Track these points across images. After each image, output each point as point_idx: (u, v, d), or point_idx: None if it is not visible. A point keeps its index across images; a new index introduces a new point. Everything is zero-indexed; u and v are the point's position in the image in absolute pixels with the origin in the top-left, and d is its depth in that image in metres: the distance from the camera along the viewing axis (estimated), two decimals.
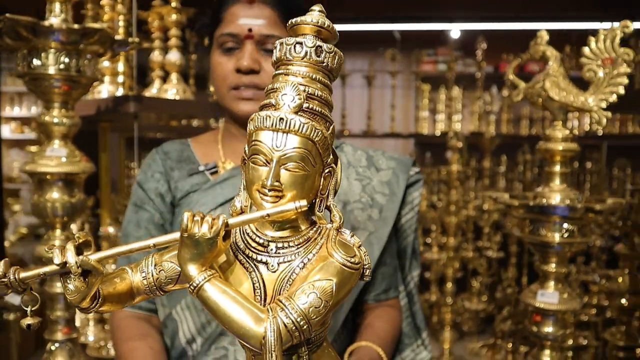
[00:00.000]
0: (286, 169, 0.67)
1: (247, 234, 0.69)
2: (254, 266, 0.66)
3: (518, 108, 6.19)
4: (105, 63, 2.31)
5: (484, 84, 5.32)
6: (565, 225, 1.57)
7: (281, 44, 0.73)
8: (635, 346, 2.44)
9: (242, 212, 0.71)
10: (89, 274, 0.64)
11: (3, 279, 0.64)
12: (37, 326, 0.70)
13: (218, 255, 0.64)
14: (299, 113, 0.67)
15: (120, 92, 2.32)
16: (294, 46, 0.71)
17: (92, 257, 0.64)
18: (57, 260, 0.62)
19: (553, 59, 1.64)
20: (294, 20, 0.73)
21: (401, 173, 1.42)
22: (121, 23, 2.30)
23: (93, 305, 0.66)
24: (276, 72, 0.74)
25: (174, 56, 2.40)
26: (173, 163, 1.39)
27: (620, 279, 2.42)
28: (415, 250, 1.50)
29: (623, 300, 2.40)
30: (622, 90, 1.55)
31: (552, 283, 1.63)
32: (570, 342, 2.55)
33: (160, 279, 0.71)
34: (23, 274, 0.64)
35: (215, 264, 0.65)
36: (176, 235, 0.63)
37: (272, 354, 0.57)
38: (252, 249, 0.67)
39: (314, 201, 0.70)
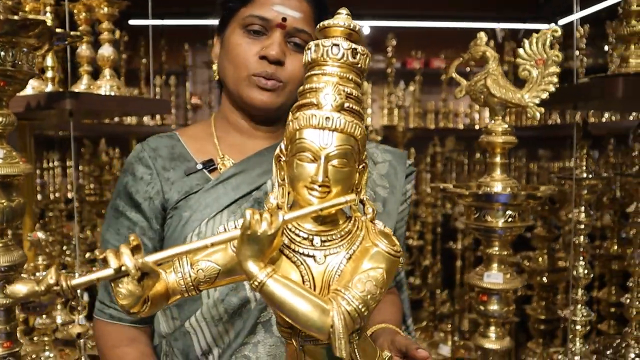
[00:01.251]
0: (332, 166, 0.70)
1: (290, 230, 0.72)
2: (302, 260, 0.69)
3: (424, 102, 6.47)
4: None
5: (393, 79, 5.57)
6: (508, 211, 1.71)
7: (317, 45, 0.76)
8: (553, 319, 2.70)
9: (279, 208, 0.74)
10: (144, 277, 0.63)
11: (55, 287, 0.62)
12: (84, 335, 0.68)
13: (274, 250, 0.66)
14: (340, 112, 0.71)
15: (49, 88, 2.20)
16: (331, 48, 0.74)
17: (149, 259, 0.64)
18: (114, 264, 0.61)
19: (492, 59, 1.77)
20: (325, 22, 0.76)
21: (399, 165, 1.42)
22: (48, 15, 2.18)
23: (143, 308, 0.66)
24: (311, 72, 0.77)
25: (107, 51, 2.31)
26: (165, 162, 1.27)
27: (539, 259, 2.65)
28: (403, 242, 1.51)
29: (543, 278, 2.63)
30: (552, 88, 1.71)
31: (495, 265, 1.77)
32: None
33: (198, 278, 0.71)
34: (75, 282, 0.63)
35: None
36: (235, 233, 0.65)
37: (340, 341, 0.60)
38: (298, 243, 0.70)
39: None
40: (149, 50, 3.94)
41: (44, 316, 2.57)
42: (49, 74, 2.22)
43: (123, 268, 0.62)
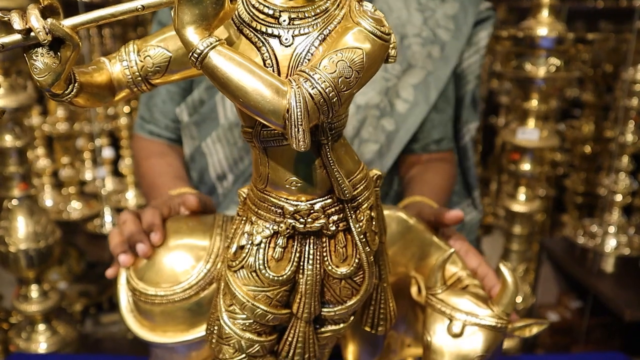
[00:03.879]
0: None
1: (252, 5, 0.58)
2: (264, 40, 0.56)
3: None
4: None
5: None
6: (552, 59, 1.51)
7: None
8: (592, 193, 2.54)
9: None
10: (61, 47, 0.52)
11: None
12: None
13: (223, 20, 0.53)
14: None
15: None
16: None
17: (65, 22, 0.52)
18: (18, 25, 0.49)
19: None
20: None
21: (470, 6, 1.20)
22: None
23: (68, 91, 0.55)
24: None
25: None
26: None
27: (585, 127, 2.45)
28: (476, 100, 1.30)
29: (586, 148, 2.44)
30: None
31: (532, 121, 1.60)
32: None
33: (146, 66, 0.60)
34: None
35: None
36: None
37: (298, 128, 0.48)
38: (261, 20, 0.57)
39: None
40: None
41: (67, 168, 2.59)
42: None
43: (32, 34, 0.50)
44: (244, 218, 0.62)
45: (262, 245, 0.59)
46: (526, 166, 1.60)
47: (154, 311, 0.75)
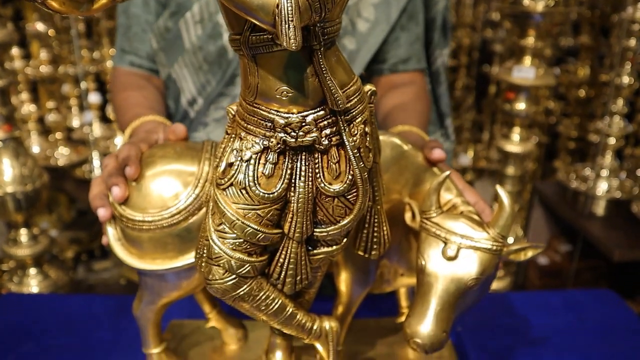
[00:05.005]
0: None
1: None
2: None
3: None
4: None
5: None
6: None
7: None
8: (584, 138, 2.53)
9: None
10: None
11: None
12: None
13: None
14: None
15: None
16: None
17: None
18: None
19: None
20: None
21: None
22: None
23: None
24: None
25: None
26: None
27: (580, 71, 2.41)
28: (447, 24, 1.28)
29: (581, 92, 2.42)
30: None
31: (528, 59, 1.57)
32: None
33: None
34: None
35: None
36: None
37: (288, 25, 0.45)
38: None
39: None
40: None
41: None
42: None
43: None
44: (233, 135, 0.59)
45: (252, 161, 0.57)
46: (521, 105, 1.58)
47: (142, 238, 0.73)
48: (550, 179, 2.87)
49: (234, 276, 0.60)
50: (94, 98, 2.60)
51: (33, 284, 1.88)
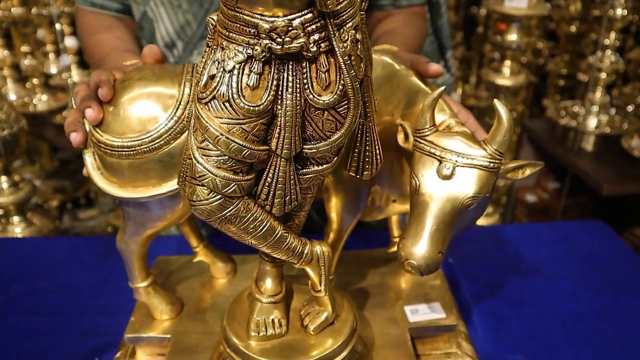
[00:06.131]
0: None
1: None
2: None
3: None
4: None
5: None
6: None
7: None
8: (574, 76, 2.49)
9: None
10: None
11: None
12: None
13: None
14: None
15: None
16: None
17: None
18: None
19: None
20: None
21: None
22: None
23: None
24: None
25: None
26: None
27: (571, 6, 2.35)
28: None
29: (572, 28, 2.36)
30: None
31: None
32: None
33: None
34: None
35: None
36: None
37: None
38: None
39: None
40: None
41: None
42: None
43: None
44: (214, 47, 0.55)
45: (235, 71, 0.53)
46: (513, 36, 1.53)
47: (122, 165, 0.69)
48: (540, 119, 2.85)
49: (219, 196, 0.57)
50: (70, 42, 2.50)
51: (17, 231, 1.84)
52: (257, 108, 0.53)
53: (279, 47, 0.51)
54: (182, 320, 0.87)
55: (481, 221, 2.17)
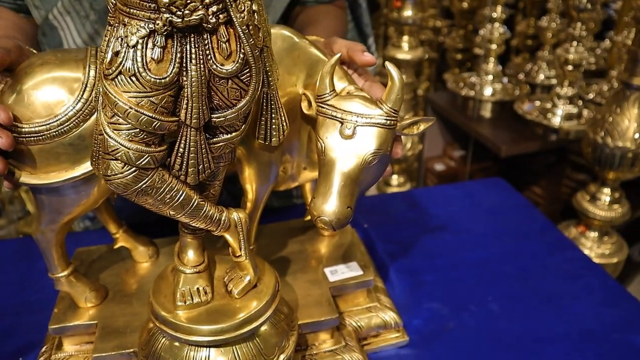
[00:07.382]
0: None
1: None
2: None
3: None
4: None
5: None
6: None
7: None
8: (469, 49, 2.65)
9: None
10: None
11: None
12: None
13: None
14: None
15: None
16: None
17: None
18: None
19: None
20: None
21: None
22: None
23: None
24: None
25: None
26: None
27: None
28: None
29: (464, 4, 2.51)
30: None
31: None
32: None
33: None
34: None
35: None
36: None
37: None
38: None
39: None
40: None
41: None
42: None
43: None
44: (116, 24, 0.57)
45: (139, 46, 0.55)
46: (408, 12, 1.62)
47: (32, 151, 0.69)
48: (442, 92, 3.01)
49: (133, 168, 0.59)
50: None
51: None
52: (163, 80, 0.56)
53: (180, 20, 0.54)
54: (108, 305, 0.88)
55: (394, 191, 2.28)
